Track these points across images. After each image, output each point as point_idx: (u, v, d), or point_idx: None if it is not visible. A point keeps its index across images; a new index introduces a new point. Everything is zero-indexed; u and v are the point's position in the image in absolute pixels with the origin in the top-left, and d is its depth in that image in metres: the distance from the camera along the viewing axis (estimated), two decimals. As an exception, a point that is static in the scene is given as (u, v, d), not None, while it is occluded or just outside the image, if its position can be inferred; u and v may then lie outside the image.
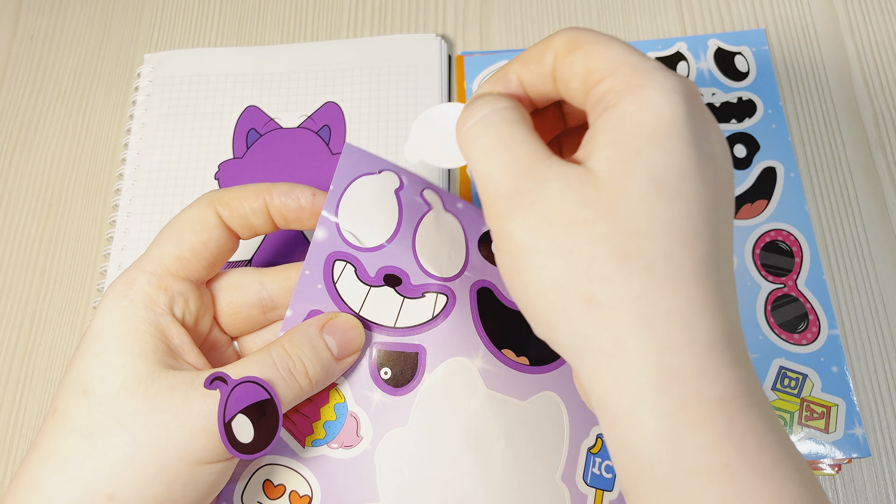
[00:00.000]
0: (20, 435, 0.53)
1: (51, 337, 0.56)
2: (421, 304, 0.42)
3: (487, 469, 0.40)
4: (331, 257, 0.41)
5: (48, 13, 0.68)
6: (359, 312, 0.41)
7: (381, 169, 0.41)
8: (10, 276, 0.58)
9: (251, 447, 0.35)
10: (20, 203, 0.60)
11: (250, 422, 0.35)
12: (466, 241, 0.43)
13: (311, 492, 0.40)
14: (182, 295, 0.38)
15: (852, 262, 0.53)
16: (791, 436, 0.47)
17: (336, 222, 0.41)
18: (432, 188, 0.42)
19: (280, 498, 0.40)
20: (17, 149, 0.62)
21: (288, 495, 0.40)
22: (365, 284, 0.41)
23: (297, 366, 0.37)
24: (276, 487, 0.40)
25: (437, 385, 0.41)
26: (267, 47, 0.63)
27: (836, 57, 0.59)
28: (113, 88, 0.64)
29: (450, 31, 0.63)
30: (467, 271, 0.42)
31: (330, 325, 0.39)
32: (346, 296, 0.41)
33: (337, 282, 0.41)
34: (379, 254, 0.41)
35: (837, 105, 0.58)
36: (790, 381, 0.50)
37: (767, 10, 0.61)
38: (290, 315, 0.41)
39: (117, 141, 0.62)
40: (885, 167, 0.55)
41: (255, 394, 0.35)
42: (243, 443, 0.34)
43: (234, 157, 0.58)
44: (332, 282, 0.41)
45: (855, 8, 0.61)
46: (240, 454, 0.34)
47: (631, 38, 0.61)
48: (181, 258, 0.39)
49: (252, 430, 0.35)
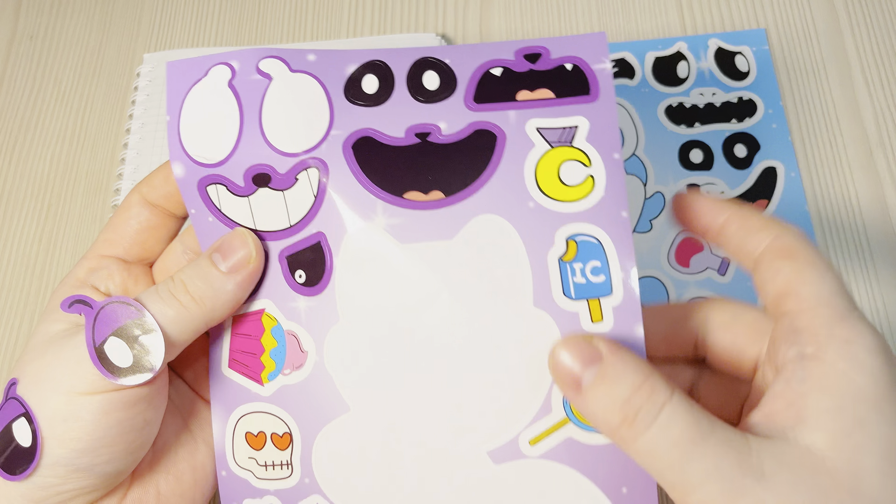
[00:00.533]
0: None
1: (50, 337, 0.55)
2: (300, 189, 0.37)
3: (440, 329, 0.35)
4: (201, 185, 0.38)
5: (48, 13, 0.68)
6: (255, 228, 0.38)
7: (208, 68, 0.37)
8: (10, 276, 0.58)
9: (130, 370, 0.33)
10: (19, 203, 0.60)
11: (125, 344, 0.34)
12: (327, 94, 0.37)
13: (287, 427, 0.38)
14: (105, 269, 0.39)
15: (853, 262, 0.53)
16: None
17: (184, 149, 0.37)
18: (272, 55, 0.37)
19: (265, 446, 0.38)
20: (16, 149, 0.62)
21: (270, 439, 0.38)
22: (242, 197, 0.37)
23: (175, 284, 0.36)
24: (257, 436, 0.38)
25: (349, 265, 0.36)
26: (266, 48, 0.63)
27: (836, 56, 0.59)
28: (112, 88, 0.64)
29: (450, 30, 0.63)
30: (333, 129, 0.37)
31: (216, 243, 0.37)
32: (235, 216, 0.38)
33: (221, 206, 0.38)
34: (237, 158, 0.37)
35: (838, 105, 0.58)
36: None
37: (768, 9, 0.61)
38: None
39: (117, 141, 0.62)
40: (885, 167, 0.55)
41: (127, 314, 0.34)
42: (120, 366, 0.33)
43: (233, 157, 0.58)
44: (216, 209, 0.38)
45: (856, 7, 0.61)
46: (116, 378, 0.33)
47: (631, 37, 0.61)
48: (107, 239, 0.40)
49: (129, 354, 0.33)
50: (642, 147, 0.57)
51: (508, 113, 0.36)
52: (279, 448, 0.38)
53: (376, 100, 0.37)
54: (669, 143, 0.57)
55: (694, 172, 0.56)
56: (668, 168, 0.56)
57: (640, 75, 0.59)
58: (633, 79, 0.59)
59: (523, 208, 0.36)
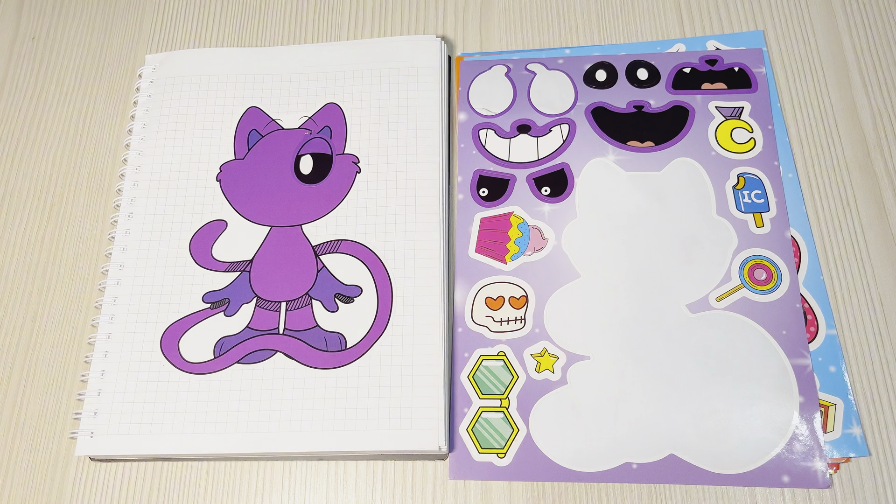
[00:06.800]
0: (20, 434, 0.53)
1: (52, 337, 0.56)
2: (551, 136, 0.58)
3: (652, 227, 0.54)
4: (475, 129, 0.59)
5: (49, 14, 0.68)
6: (508, 160, 0.58)
7: (490, 66, 0.62)
8: (12, 276, 0.58)
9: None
10: (22, 203, 0.60)
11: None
12: (572, 82, 0.60)
13: (525, 292, 0.54)
14: None
15: (850, 262, 0.53)
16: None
17: (470, 104, 0.60)
18: (535, 61, 0.61)
19: (502, 307, 0.53)
20: (18, 149, 0.62)
21: (507, 301, 0.53)
22: (505, 138, 0.59)
23: None
24: (496, 300, 0.54)
25: (587, 183, 0.57)
26: (268, 49, 0.63)
27: (834, 58, 0.59)
28: (114, 89, 0.64)
29: (450, 32, 0.63)
30: (578, 101, 0.59)
31: None
32: (494, 150, 0.58)
33: (485, 144, 0.59)
34: (507, 114, 0.60)
35: (836, 106, 0.58)
36: (789, 381, 0.52)
37: (766, 11, 0.61)
38: (461, 180, 0.57)
39: (118, 141, 0.62)
40: (882, 168, 0.55)
41: None
42: None
43: (235, 157, 0.59)
44: (481, 145, 0.59)
45: (853, 10, 0.61)
46: None
47: (631, 39, 0.61)
48: None
49: None
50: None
51: (696, 96, 0.59)
52: (515, 307, 0.53)
53: (606, 85, 0.60)
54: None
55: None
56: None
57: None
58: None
59: (708, 155, 0.57)
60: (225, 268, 0.55)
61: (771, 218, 0.54)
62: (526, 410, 0.50)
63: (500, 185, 0.57)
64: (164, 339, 0.53)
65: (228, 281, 0.54)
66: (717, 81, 0.59)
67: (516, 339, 0.52)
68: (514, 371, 0.51)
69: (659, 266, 0.53)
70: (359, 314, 0.52)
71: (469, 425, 0.50)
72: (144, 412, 0.51)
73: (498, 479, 0.49)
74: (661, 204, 0.55)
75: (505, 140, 0.58)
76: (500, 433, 0.50)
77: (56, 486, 0.51)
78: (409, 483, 0.50)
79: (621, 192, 0.56)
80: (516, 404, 0.50)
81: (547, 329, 0.52)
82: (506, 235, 0.55)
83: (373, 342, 0.51)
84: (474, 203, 0.57)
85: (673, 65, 0.60)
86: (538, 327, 0.52)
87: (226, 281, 0.54)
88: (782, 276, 0.52)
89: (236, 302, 0.54)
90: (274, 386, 0.51)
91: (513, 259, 0.54)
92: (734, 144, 0.57)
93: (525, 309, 0.53)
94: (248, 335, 0.53)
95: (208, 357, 0.52)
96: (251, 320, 0.53)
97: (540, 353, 0.51)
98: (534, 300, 0.53)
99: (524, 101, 0.60)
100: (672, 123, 0.58)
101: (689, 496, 0.48)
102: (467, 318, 0.53)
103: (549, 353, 0.51)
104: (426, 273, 0.53)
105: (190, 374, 0.52)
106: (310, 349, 0.52)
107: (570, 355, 0.51)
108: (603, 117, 0.58)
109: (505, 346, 0.52)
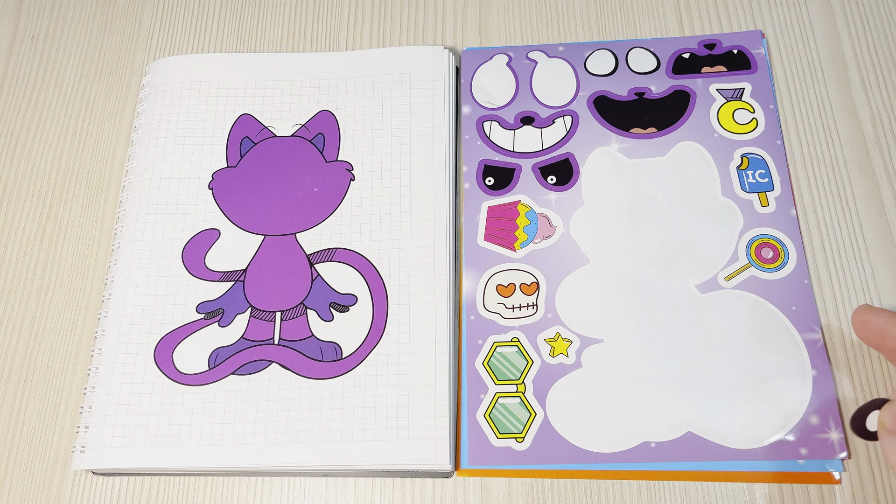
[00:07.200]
0: (20, 435, 0.53)
1: (51, 337, 0.55)
2: (555, 128, 0.59)
3: (658, 211, 0.55)
4: (479, 121, 0.60)
5: (49, 13, 0.68)
6: (512, 150, 0.58)
7: (491, 56, 0.62)
8: (11, 276, 0.57)
9: None
10: (21, 203, 0.60)
11: None
12: (574, 70, 0.61)
13: (535, 278, 0.54)
14: None
15: (849, 261, 0.53)
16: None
17: (473, 97, 0.61)
18: (535, 49, 0.62)
19: (513, 293, 0.54)
20: (17, 149, 0.62)
21: (518, 288, 0.54)
22: (509, 129, 0.59)
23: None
24: (507, 287, 0.54)
25: (592, 171, 0.57)
26: (261, 55, 0.63)
27: (833, 57, 0.59)
28: (113, 88, 0.64)
29: (448, 36, 0.63)
30: (580, 91, 0.60)
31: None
32: (498, 141, 0.59)
33: (490, 135, 0.59)
34: (511, 106, 0.60)
35: (835, 105, 0.58)
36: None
37: (765, 10, 0.62)
38: (466, 170, 0.58)
39: (118, 141, 0.62)
40: (881, 167, 0.56)
41: None
42: None
43: (227, 165, 0.58)
44: (486, 137, 0.59)
45: (852, 8, 0.61)
46: None
47: (630, 37, 0.62)
48: None
49: None
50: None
51: (697, 80, 0.60)
52: (526, 294, 0.54)
53: (607, 73, 0.61)
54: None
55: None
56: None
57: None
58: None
59: (710, 137, 0.58)
60: (219, 277, 0.54)
61: (776, 197, 0.55)
62: (542, 394, 0.50)
63: (506, 175, 0.58)
64: (158, 351, 0.52)
65: (222, 291, 0.54)
66: (716, 65, 0.60)
67: (529, 325, 0.53)
68: (529, 356, 0.52)
69: (667, 249, 0.54)
70: (354, 323, 0.52)
71: (486, 411, 0.50)
72: (139, 425, 0.50)
73: (518, 464, 0.49)
74: (666, 188, 0.56)
75: (509, 131, 0.59)
76: (518, 418, 0.50)
77: (53, 497, 0.51)
78: (409, 482, 0.50)
79: (626, 179, 0.56)
80: (532, 389, 0.51)
81: (559, 314, 0.53)
82: (514, 223, 0.56)
83: (368, 351, 0.51)
84: (481, 192, 0.57)
85: (672, 51, 0.61)
86: (550, 312, 0.53)
87: (220, 291, 0.54)
88: (789, 254, 0.53)
89: (231, 312, 0.53)
90: (269, 397, 0.50)
91: (522, 246, 0.55)
92: (736, 126, 0.58)
93: (536, 295, 0.54)
94: (242, 346, 0.52)
95: (203, 368, 0.52)
96: (246, 331, 0.53)
97: (553, 337, 0.52)
98: (545, 286, 0.54)
99: (527, 93, 0.60)
100: (673, 108, 0.59)
101: (688, 496, 0.48)
102: (479, 305, 0.54)
103: (562, 337, 0.52)
104: (421, 280, 0.53)
105: (185, 386, 0.51)
106: (305, 359, 0.51)
107: (584, 339, 0.52)
108: (605, 106, 0.59)
109: (518, 332, 0.53)
